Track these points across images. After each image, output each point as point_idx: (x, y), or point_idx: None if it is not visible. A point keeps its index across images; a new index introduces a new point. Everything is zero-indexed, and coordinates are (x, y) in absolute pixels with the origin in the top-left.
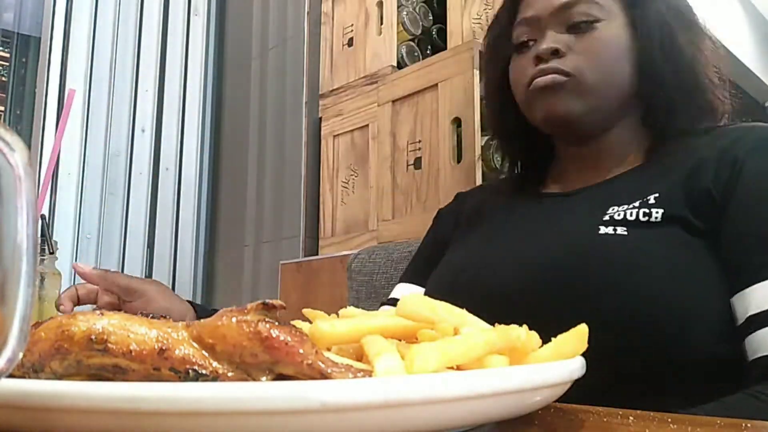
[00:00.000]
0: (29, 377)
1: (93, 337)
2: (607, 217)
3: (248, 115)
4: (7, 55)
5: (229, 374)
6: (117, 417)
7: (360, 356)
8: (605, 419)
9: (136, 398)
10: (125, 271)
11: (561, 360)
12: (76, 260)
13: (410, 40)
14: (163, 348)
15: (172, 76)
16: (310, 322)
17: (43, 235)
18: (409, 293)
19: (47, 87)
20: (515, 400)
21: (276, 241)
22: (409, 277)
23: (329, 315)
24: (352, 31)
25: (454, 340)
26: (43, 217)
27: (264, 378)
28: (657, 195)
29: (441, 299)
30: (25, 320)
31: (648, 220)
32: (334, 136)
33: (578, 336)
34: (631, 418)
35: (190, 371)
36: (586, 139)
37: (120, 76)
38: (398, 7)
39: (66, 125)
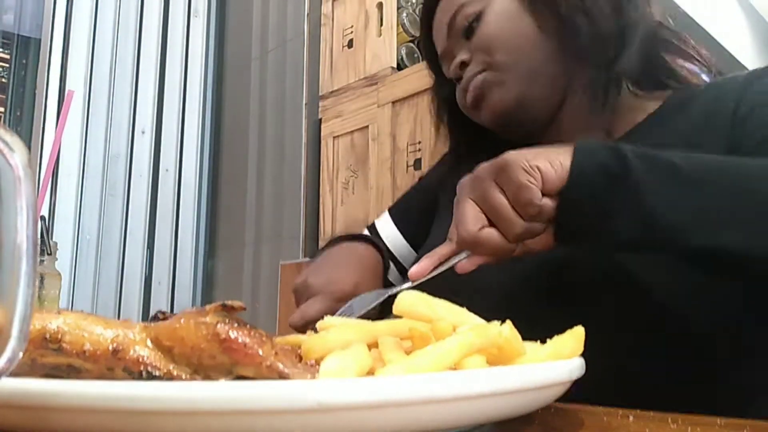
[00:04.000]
0: None
1: (47, 336)
2: None
3: (248, 117)
4: (8, 56)
5: (184, 377)
6: (103, 416)
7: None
8: (605, 419)
9: (127, 397)
10: (125, 272)
11: (558, 361)
12: (75, 261)
13: (410, 41)
14: (117, 348)
15: (172, 78)
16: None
17: (40, 236)
18: (386, 225)
19: (47, 88)
20: (514, 401)
21: (276, 241)
22: (394, 212)
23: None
24: (352, 32)
25: (424, 352)
26: (42, 218)
27: (223, 381)
28: None
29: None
30: (25, 320)
31: None
32: (334, 137)
33: (575, 337)
34: (631, 417)
35: (144, 372)
36: (540, 132)
37: (120, 77)
38: (398, 8)
39: (65, 126)
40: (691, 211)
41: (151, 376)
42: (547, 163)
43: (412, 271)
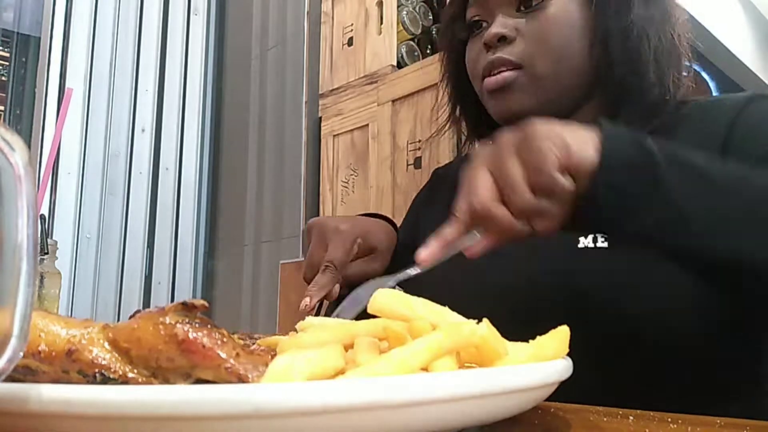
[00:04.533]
0: None
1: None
2: None
3: (248, 115)
4: (7, 54)
5: (140, 380)
6: (34, 420)
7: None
8: (605, 419)
9: (55, 401)
10: (125, 272)
11: (540, 362)
12: (76, 260)
13: (410, 39)
14: (72, 350)
15: (172, 76)
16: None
17: (40, 234)
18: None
19: (47, 86)
20: (474, 406)
21: (276, 241)
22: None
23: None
24: (352, 30)
25: (389, 355)
26: (41, 217)
27: (182, 384)
28: None
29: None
30: (25, 320)
31: None
32: (334, 136)
33: (559, 338)
34: (631, 418)
35: (97, 375)
36: None
37: (120, 75)
38: (398, 6)
39: (64, 124)
40: (715, 217)
41: (105, 379)
42: (574, 140)
43: (420, 255)
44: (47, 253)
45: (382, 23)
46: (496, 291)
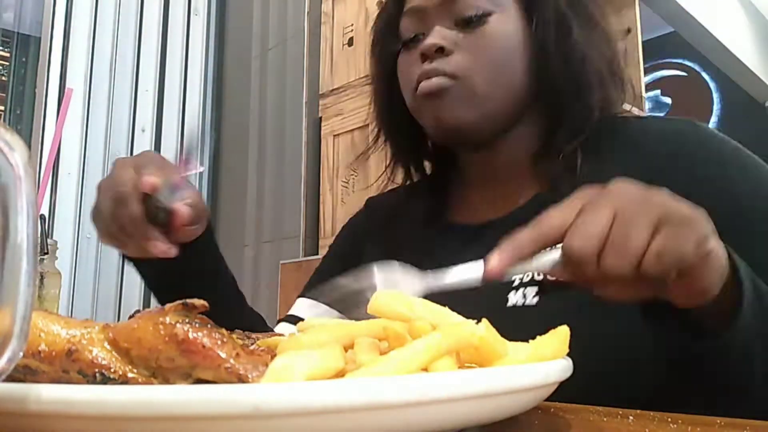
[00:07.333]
0: None
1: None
2: (515, 278)
3: (248, 115)
4: (7, 54)
5: (140, 380)
6: (29, 420)
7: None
8: (605, 419)
9: (65, 401)
10: (124, 272)
11: (540, 362)
12: (76, 260)
13: None
14: (72, 350)
15: (172, 76)
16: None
17: (40, 234)
18: (308, 310)
19: (47, 87)
20: (474, 406)
21: (276, 241)
22: (312, 292)
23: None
24: (352, 30)
25: (389, 356)
26: (42, 217)
27: (182, 384)
28: None
29: None
30: (25, 320)
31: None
32: (335, 136)
33: (559, 338)
34: (630, 418)
35: (97, 375)
36: (481, 146)
37: (120, 76)
38: None
39: (64, 123)
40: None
41: (105, 379)
42: (718, 251)
43: (491, 262)
44: (47, 253)
45: None
46: None
